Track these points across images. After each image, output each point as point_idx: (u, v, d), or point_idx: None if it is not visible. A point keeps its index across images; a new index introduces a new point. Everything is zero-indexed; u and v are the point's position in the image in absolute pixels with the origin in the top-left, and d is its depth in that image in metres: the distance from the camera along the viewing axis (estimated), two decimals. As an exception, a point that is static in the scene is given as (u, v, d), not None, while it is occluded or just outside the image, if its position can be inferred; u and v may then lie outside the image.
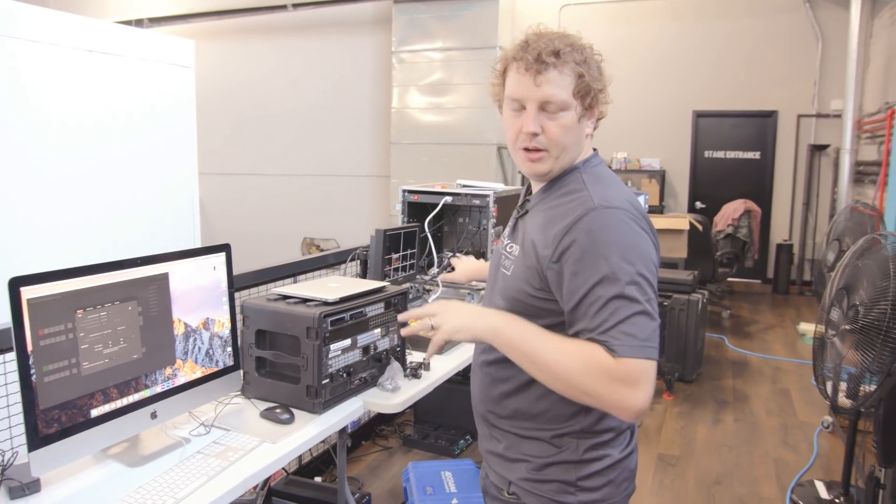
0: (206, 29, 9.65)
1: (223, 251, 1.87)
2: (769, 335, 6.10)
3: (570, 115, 1.24)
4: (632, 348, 1.11)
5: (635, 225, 1.18)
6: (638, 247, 1.17)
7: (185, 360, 1.74)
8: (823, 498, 3.12)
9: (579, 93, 1.24)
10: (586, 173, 1.29)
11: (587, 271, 1.16)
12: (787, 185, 8.22)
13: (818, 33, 7.76)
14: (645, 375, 1.11)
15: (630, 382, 1.11)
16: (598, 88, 1.26)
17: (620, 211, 1.18)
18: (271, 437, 1.75)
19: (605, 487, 1.30)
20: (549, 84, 1.22)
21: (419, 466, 2.81)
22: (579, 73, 1.23)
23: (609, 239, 1.16)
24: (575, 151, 1.29)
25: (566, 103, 1.23)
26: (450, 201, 3.13)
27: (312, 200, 9.58)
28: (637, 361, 1.11)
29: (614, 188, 1.26)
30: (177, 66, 3.94)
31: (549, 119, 1.24)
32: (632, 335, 1.11)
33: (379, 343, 2.18)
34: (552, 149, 1.26)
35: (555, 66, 1.22)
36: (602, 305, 1.14)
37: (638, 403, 1.11)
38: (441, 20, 8.08)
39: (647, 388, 1.12)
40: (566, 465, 1.29)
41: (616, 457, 1.31)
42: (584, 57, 1.24)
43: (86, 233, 3.32)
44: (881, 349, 1.87)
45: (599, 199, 1.20)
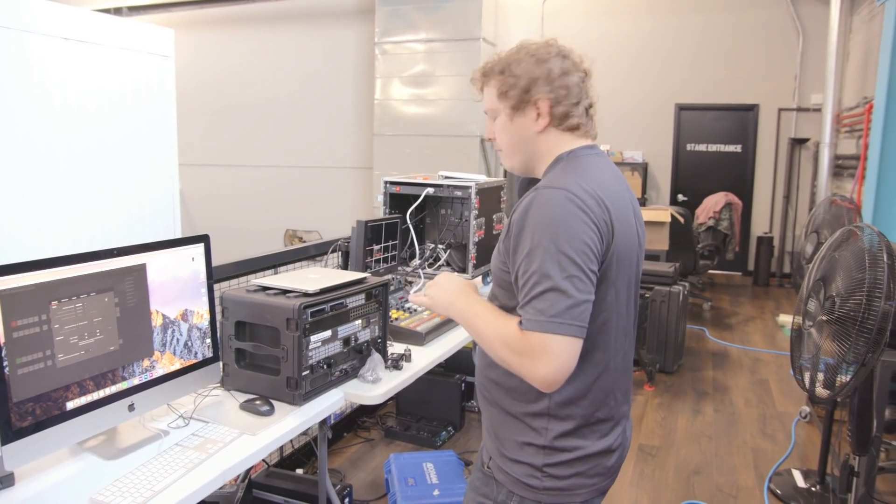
0: (188, 18, 9.53)
1: (202, 242, 1.86)
2: (749, 327, 6.17)
3: (501, 119, 1.40)
4: (536, 323, 1.18)
5: (571, 205, 1.22)
6: (565, 225, 1.20)
7: (164, 351, 1.72)
8: (800, 486, 3.16)
9: (500, 95, 1.39)
10: (565, 161, 1.36)
11: (519, 247, 1.25)
12: (768, 178, 8.29)
13: (799, 28, 7.82)
14: (549, 348, 1.17)
15: (534, 354, 1.18)
16: (522, 85, 1.35)
17: (560, 192, 1.23)
18: (251, 429, 1.74)
19: (573, 478, 1.33)
20: (484, 98, 1.44)
21: (401, 458, 2.82)
22: (501, 80, 1.38)
23: (538, 217, 1.23)
24: (526, 148, 1.40)
25: (493, 110, 1.42)
26: (432, 193, 3.12)
27: (295, 192, 9.53)
28: (539, 335, 1.17)
29: (577, 175, 1.29)
30: (156, 55, 3.89)
31: (495, 125, 1.43)
32: (539, 311, 1.18)
33: (360, 334, 2.17)
34: (503, 148, 1.44)
35: (483, 83, 1.44)
36: (525, 281, 1.22)
37: (545, 372, 1.18)
38: (424, 11, 8.04)
39: (555, 360, 1.17)
40: (535, 449, 1.33)
41: (589, 450, 1.33)
42: (508, 63, 1.38)
43: (62, 223, 3.28)
44: (856, 339, 1.89)
45: (547, 182, 1.28)
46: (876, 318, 1.85)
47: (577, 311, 1.18)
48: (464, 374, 3.65)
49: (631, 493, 3.14)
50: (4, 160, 3.02)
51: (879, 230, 3.36)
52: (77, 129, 3.38)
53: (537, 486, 1.33)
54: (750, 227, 8.29)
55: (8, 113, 3.02)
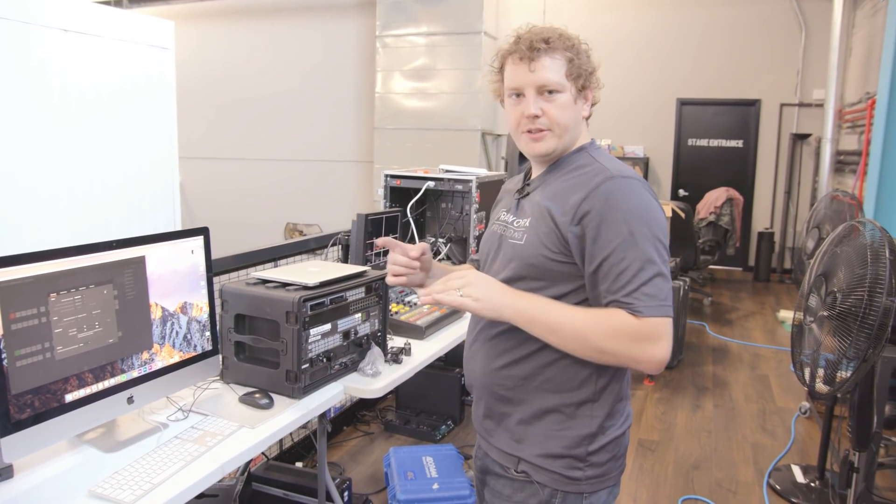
0: (189, 10, 9.50)
1: (201, 234, 1.85)
2: (749, 322, 6.16)
3: (566, 97, 1.34)
4: (654, 307, 1.21)
5: (649, 194, 1.28)
6: (653, 213, 1.25)
7: (163, 344, 1.72)
8: (800, 482, 3.16)
9: (571, 75, 1.33)
10: (595, 151, 1.40)
11: (607, 235, 1.24)
12: (769, 174, 8.28)
13: (801, 23, 7.79)
14: (666, 331, 1.23)
15: (654, 338, 1.22)
16: (589, 71, 1.36)
17: (636, 181, 1.28)
18: (250, 422, 1.74)
19: (609, 462, 1.36)
20: (543, 69, 1.33)
21: (400, 452, 2.82)
22: (569, 58, 1.33)
23: (628, 205, 1.24)
24: (575, 132, 1.39)
25: (561, 85, 1.33)
26: (432, 186, 3.11)
27: (295, 186, 9.52)
28: (659, 320, 1.22)
29: (624, 166, 1.34)
30: (156, 47, 3.88)
31: (547, 101, 1.34)
32: (652, 296, 1.21)
33: (359, 328, 2.17)
34: (554, 128, 1.35)
35: (546, 53, 1.33)
36: (624, 268, 1.23)
37: (663, 354, 1.22)
38: (425, 5, 8.01)
39: (669, 341, 1.23)
40: (580, 439, 1.34)
41: (618, 431, 1.38)
42: (573, 43, 1.35)
43: (61, 215, 3.27)
44: (857, 335, 1.89)
45: (615, 170, 1.30)
46: (877, 314, 1.85)
47: (671, 293, 1.25)
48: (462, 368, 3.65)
49: (630, 487, 3.14)
50: (3, 152, 3.01)
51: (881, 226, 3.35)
52: (76, 121, 3.37)
53: (580, 478, 1.34)
54: (751, 223, 8.28)
55: (7, 104, 3.02)
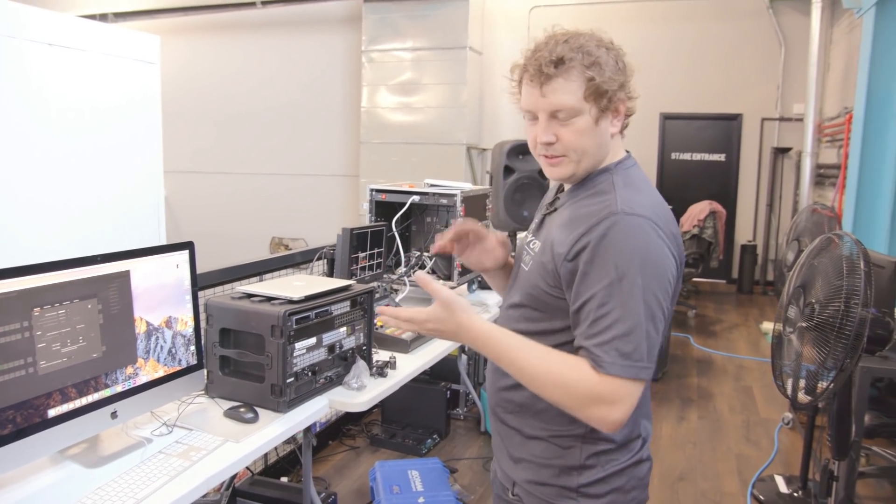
0: (174, 25, 9.51)
1: (186, 249, 1.85)
2: (733, 334, 6.21)
3: (584, 119, 1.21)
4: (622, 367, 1.10)
5: (655, 235, 1.14)
6: (654, 258, 1.13)
7: (147, 358, 1.72)
8: (783, 492, 3.19)
9: (591, 96, 1.20)
10: (617, 175, 1.25)
11: (595, 275, 1.14)
12: (752, 187, 8.37)
13: (781, 39, 7.92)
14: (628, 394, 1.11)
15: (611, 401, 1.11)
16: (615, 87, 1.21)
17: (643, 220, 1.15)
18: (235, 437, 1.73)
19: (610, 494, 1.26)
20: (556, 93, 1.20)
21: (386, 466, 2.81)
22: (589, 77, 1.19)
23: (624, 246, 1.13)
24: (599, 153, 1.26)
25: (576, 109, 1.20)
26: (417, 201, 3.13)
27: (281, 200, 9.51)
28: (623, 382, 1.11)
29: (643, 195, 1.22)
30: (141, 61, 3.88)
31: (563, 126, 1.22)
32: (625, 354, 1.10)
33: (344, 341, 2.17)
34: (570, 154, 1.24)
35: (559, 75, 1.20)
36: (602, 315, 1.12)
37: (617, 419, 1.12)
38: (411, 20, 8.07)
39: (628, 407, 1.12)
40: (568, 470, 1.27)
41: (623, 463, 1.27)
42: (594, 58, 1.20)
43: (46, 229, 3.26)
44: (835, 345, 1.92)
45: (624, 204, 1.17)
46: (854, 324, 1.88)
47: (654, 352, 1.13)
48: (449, 382, 3.65)
49: (616, 499, 3.15)
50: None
51: (858, 238, 3.40)
52: (60, 135, 3.36)
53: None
54: (734, 236, 8.36)
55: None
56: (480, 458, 3.42)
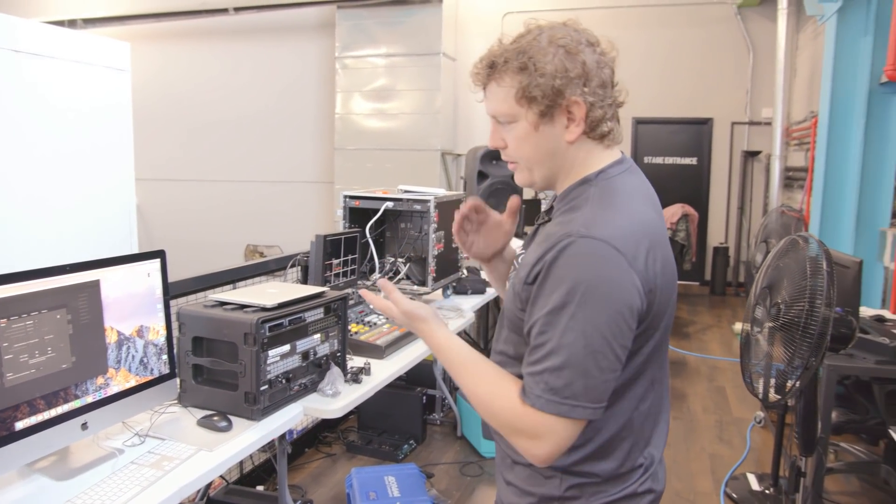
0: (145, 31, 9.42)
1: (158, 257, 1.84)
2: (706, 335, 6.30)
3: (521, 125, 1.14)
4: (547, 402, 1.03)
5: (612, 262, 1.02)
6: (602, 288, 1.02)
7: (118, 368, 1.70)
8: (755, 490, 3.24)
9: (523, 99, 1.11)
10: (596, 187, 1.14)
11: (541, 300, 1.06)
12: (723, 190, 8.50)
13: (749, 45, 8.06)
14: (553, 432, 1.03)
15: (531, 435, 1.05)
16: (549, 90, 1.09)
17: (599, 243, 1.03)
18: (208, 445, 1.73)
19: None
20: (491, 98, 1.17)
21: (362, 472, 2.81)
22: (519, 80, 1.11)
23: (570, 272, 1.03)
24: (552, 161, 1.16)
25: (511, 115, 1.14)
26: (391, 207, 3.14)
27: (256, 207, 9.45)
28: (545, 417, 1.03)
29: (617, 212, 1.09)
30: (111, 69, 3.85)
31: (507, 131, 1.17)
32: (554, 389, 1.02)
33: (318, 348, 2.17)
34: (519, 160, 1.19)
35: (491, 79, 1.15)
36: (540, 343, 1.05)
37: (541, 454, 1.06)
38: (385, 26, 8.09)
39: (552, 445, 1.04)
40: (548, 500, 1.18)
41: (613, 495, 1.17)
42: (527, 59, 1.10)
43: (14, 238, 3.21)
44: (800, 344, 1.97)
45: (583, 224, 1.06)
46: (818, 324, 1.93)
47: (596, 392, 1.03)
48: (425, 387, 3.66)
49: (591, 501, 3.18)
50: (-47, 176, 2.95)
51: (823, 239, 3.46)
52: (30, 143, 3.32)
53: None
54: (706, 238, 8.48)
55: (-44, 128, 2.96)
56: (457, 463, 3.43)
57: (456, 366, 1.18)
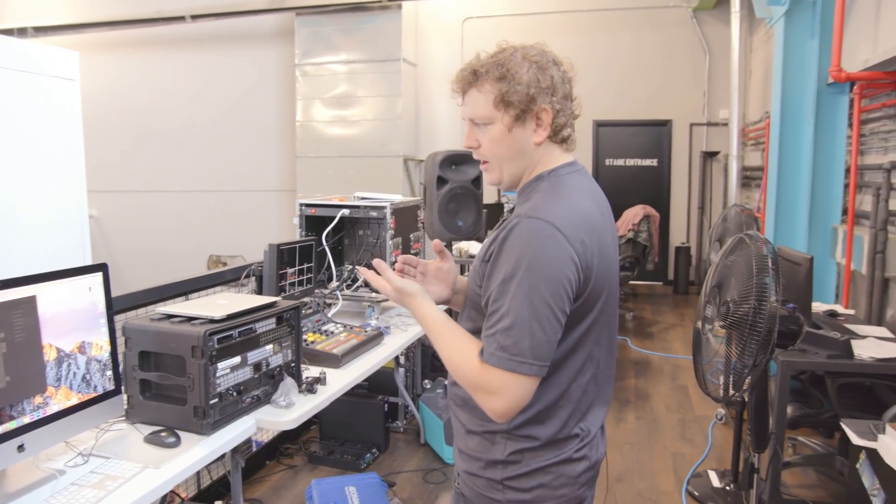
0: (101, 40, 9.25)
1: (100, 271, 1.80)
2: (669, 334, 6.37)
3: (497, 127, 1.31)
4: (498, 358, 1.18)
5: (553, 240, 1.19)
6: (544, 262, 1.18)
7: (58, 386, 1.65)
8: (716, 486, 3.27)
9: (501, 105, 1.29)
10: (548, 181, 1.33)
11: (495, 273, 1.23)
12: (683, 190, 8.63)
13: (705, 47, 8.21)
14: (506, 386, 1.19)
15: (489, 390, 1.21)
16: (524, 98, 1.28)
17: (544, 223, 1.20)
18: (155, 462, 1.69)
19: (537, 490, 1.31)
20: (471, 103, 1.34)
21: (322, 483, 2.77)
22: (498, 88, 1.29)
23: (518, 247, 1.20)
24: (520, 160, 1.34)
25: (487, 117, 1.31)
26: (347, 214, 3.12)
27: (218, 217, 9.33)
28: (499, 373, 1.18)
29: (563, 200, 1.27)
30: (60, 78, 3.76)
31: (482, 133, 1.34)
32: (504, 347, 1.18)
33: (271, 359, 2.14)
34: (490, 160, 1.36)
35: (473, 86, 1.33)
36: (494, 310, 1.21)
37: (499, 408, 1.21)
38: (344, 33, 8.05)
39: (508, 399, 1.19)
40: (493, 464, 1.33)
41: (549, 460, 1.31)
42: (506, 70, 1.29)
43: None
44: (749, 341, 1.99)
45: (531, 208, 1.24)
46: (765, 321, 1.96)
47: (540, 350, 1.18)
48: (387, 395, 3.63)
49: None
50: None
51: (777, 237, 3.53)
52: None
53: (500, 500, 1.32)
54: (668, 238, 8.59)
55: None
56: (420, 471, 3.40)
57: (434, 334, 1.33)
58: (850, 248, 4.12)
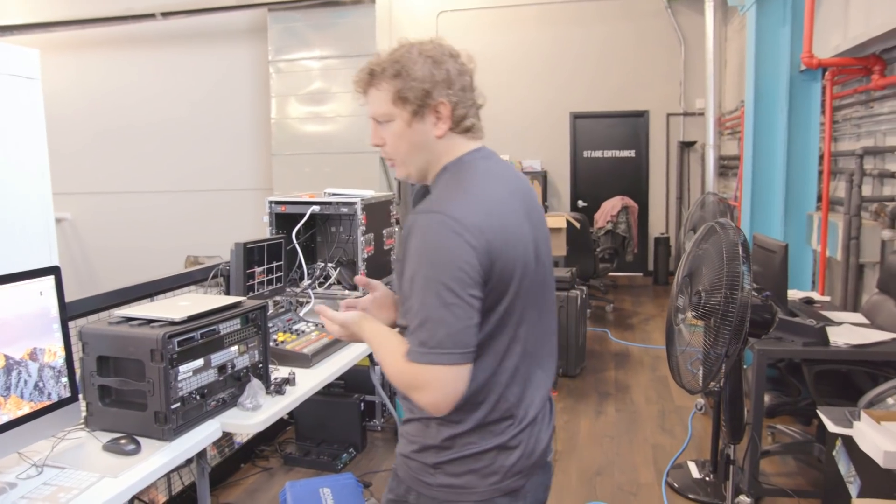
0: (72, 39, 9.07)
1: (52, 274, 1.73)
2: (649, 325, 6.37)
3: (397, 124, 1.34)
4: (418, 354, 1.21)
5: (446, 230, 1.21)
6: (441, 252, 1.20)
7: (7, 396, 1.59)
8: (696, 477, 3.26)
9: (398, 101, 1.32)
10: (451, 172, 1.35)
11: (404, 272, 1.26)
12: (661, 181, 8.63)
13: (680, 37, 8.21)
14: (433, 379, 1.21)
15: (418, 386, 1.23)
16: (420, 93, 1.30)
17: (437, 216, 1.23)
18: (113, 471, 1.63)
19: (467, 475, 1.33)
20: (371, 101, 1.37)
21: (296, 485, 2.72)
22: (393, 85, 1.32)
23: (417, 244, 1.23)
24: (425, 154, 1.36)
25: (387, 115, 1.34)
26: (317, 211, 3.06)
27: (196, 217, 9.19)
28: (422, 367, 1.21)
29: (461, 190, 1.29)
30: (19, 77, 3.66)
31: (385, 130, 1.36)
32: (423, 342, 1.20)
33: (237, 361, 2.09)
34: (395, 156, 1.38)
35: (371, 85, 1.36)
36: (408, 308, 1.24)
37: (431, 402, 1.23)
38: (317, 29, 7.96)
39: (437, 391, 1.21)
40: (427, 448, 1.35)
41: (481, 447, 1.32)
42: (400, 67, 1.31)
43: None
44: (721, 331, 1.97)
45: (428, 204, 1.27)
46: (737, 310, 1.93)
47: (459, 337, 1.20)
48: (363, 394, 3.58)
49: (535, 499, 3.15)
50: None
51: (754, 225, 3.51)
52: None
53: (432, 483, 1.34)
54: (647, 229, 8.59)
55: None
56: (399, 469, 3.36)
57: (374, 345, 1.36)
58: (825, 234, 4.13)
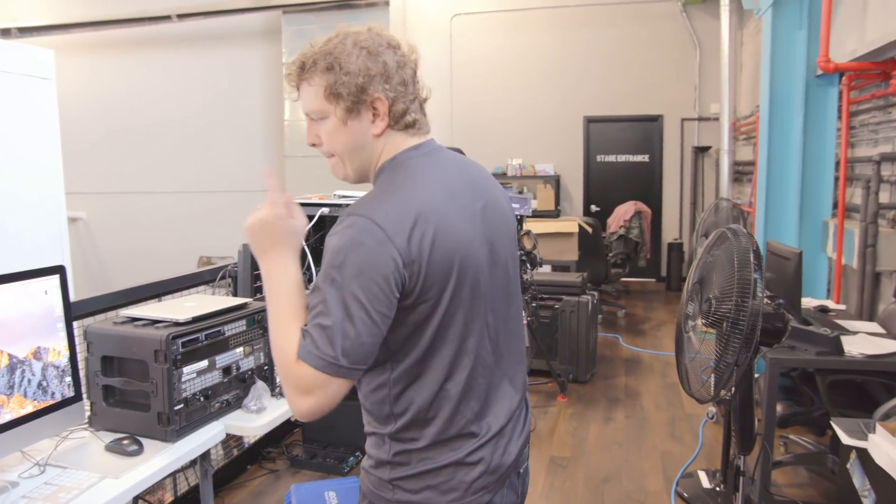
0: (88, 41, 9.16)
1: (56, 273, 1.73)
2: (661, 331, 6.31)
3: (331, 121, 1.24)
4: (308, 354, 1.12)
5: (367, 235, 1.12)
6: (356, 259, 1.12)
7: (11, 394, 1.59)
8: (706, 487, 3.21)
9: (331, 97, 1.21)
10: (387, 172, 1.25)
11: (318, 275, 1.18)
12: (675, 186, 8.57)
13: (695, 41, 8.15)
14: (316, 385, 1.12)
15: (300, 388, 1.13)
16: (353, 88, 1.20)
17: (361, 219, 1.14)
18: (114, 472, 1.62)
19: (425, 491, 1.25)
20: (303, 98, 1.26)
21: (301, 488, 2.70)
22: (327, 79, 1.21)
23: (335, 244, 1.14)
24: (361, 153, 1.26)
25: (321, 111, 1.24)
26: (327, 212, 3.04)
27: (209, 218, 9.24)
28: (309, 369, 1.12)
29: (388, 192, 1.20)
30: (34, 77, 3.69)
31: (320, 128, 1.26)
32: (314, 342, 1.12)
33: (242, 363, 2.08)
34: (335, 155, 1.28)
35: (303, 80, 1.24)
36: (311, 304, 1.14)
37: (300, 408, 1.14)
38: (331, 30, 7.95)
39: (322, 401, 1.12)
40: (382, 464, 1.28)
41: (438, 462, 1.25)
42: (333, 60, 1.20)
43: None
44: (732, 339, 1.93)
45: (356, 205, 1.18)
46: (748, 318, 1.90)
47: (353, 351, 1.12)
48: (372, 396, 3.56)
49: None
50: None
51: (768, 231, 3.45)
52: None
53: (390, 499, 1.27)
54: (661, 234, 8.53)
55: None
56: (406, 473, 3.34)
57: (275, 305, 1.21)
58: (841, 242, 4.07)
